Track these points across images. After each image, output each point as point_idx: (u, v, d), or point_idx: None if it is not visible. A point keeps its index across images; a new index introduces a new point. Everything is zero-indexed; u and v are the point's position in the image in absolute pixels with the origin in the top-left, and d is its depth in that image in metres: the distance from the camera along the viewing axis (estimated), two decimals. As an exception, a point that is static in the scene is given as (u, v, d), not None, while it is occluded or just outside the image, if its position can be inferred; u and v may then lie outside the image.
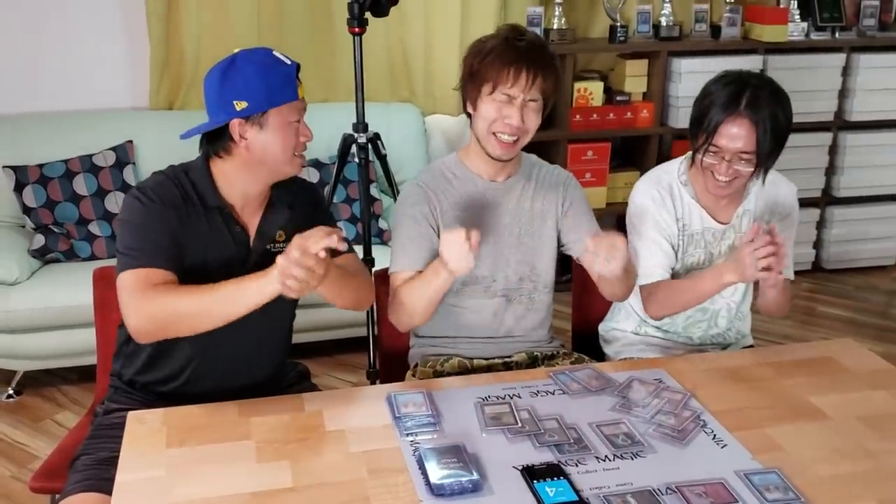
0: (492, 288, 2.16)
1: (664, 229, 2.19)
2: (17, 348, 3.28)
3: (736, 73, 2.09)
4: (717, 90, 2.07)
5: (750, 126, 2.01)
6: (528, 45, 2.01)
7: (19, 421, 3.25)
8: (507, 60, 1.98)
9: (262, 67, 1.80)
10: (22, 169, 3.50)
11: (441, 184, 2.15)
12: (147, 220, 1.81)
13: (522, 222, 2.17)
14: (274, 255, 1.87)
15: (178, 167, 1.92)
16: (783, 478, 1.59)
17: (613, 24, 4.12)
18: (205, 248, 1.86)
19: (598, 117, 4.17)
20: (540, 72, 1.99)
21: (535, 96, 2.01)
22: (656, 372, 1.99)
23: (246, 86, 1.78)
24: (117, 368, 2.03)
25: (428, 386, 1.93)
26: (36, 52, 3.79)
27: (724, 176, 2.07)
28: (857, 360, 2.06)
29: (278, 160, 1.85)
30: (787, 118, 2.06)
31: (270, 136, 1.82)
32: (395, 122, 3.97)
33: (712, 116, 2.04)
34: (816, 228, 4.62)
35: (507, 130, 2.01)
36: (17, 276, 3.26)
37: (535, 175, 2.21)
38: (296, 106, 1.85)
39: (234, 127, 1.81)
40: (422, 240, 2.10)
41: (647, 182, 2.25)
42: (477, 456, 1.66)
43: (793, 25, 4.30)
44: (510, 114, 2.00)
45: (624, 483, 1.58)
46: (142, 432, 1.74)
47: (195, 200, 1.86)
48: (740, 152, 2.03)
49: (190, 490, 1.55)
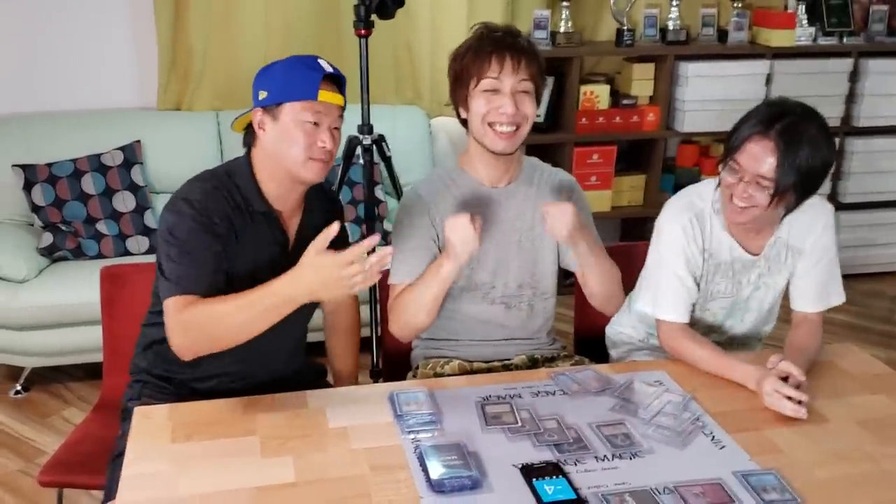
0: (490, 294, 2.17)
1: (690, 262, 2.10)
2: (24, 345, 3.31)
3: (786, 100, 1.97)
4: (760, 108, 1.97)
5: (774, 150, 1.89)
6: (504, 34, 2.02)
7: (27, 416, 3.28)
8: (486, 51, 1.99)
9: (294, 64, 1.85)
10: (31, 168, 3.53)
11: (441, 192, 2.14)
12: (194, 240, 1.80)
13: (523, 229, 2.16)
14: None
15: (221, 170, 1.92)
16: (781, 479, 1.61)
17: (620, 28, 4.14)
18: (253, 254, 1.88)
19: (604, 120, 4.18)
20: (522, 55, 1.99)
21: (524, 78, 2.00)
22: (657, 374, 2.01)
23: (272, 77, 1.85)
24: (144, 365, 2.03)
25: (430, 385, 1.95)
26: (46, 52, 3.83)
27: (739, 199, 1.96)
28: (857, 365, 2.07)
29: (289, 158, 1.85)
30: (822, 164, 1.91)
31: (281, 130, 1.84)
32: (400, 124, 3.99)
33: (742, 131, 1.95)
34: (822, 233, 4.62)
35: (502, 119, 2.00)
36: (25, 274, 3.30)
37: (538, 180, 2.20)
38: (312, 106, 1.83)
39: (257, 115, 1.86)
40: (422, 252, 2.10)
41: (679, 208, 2.13)
42: (477, 454, 1.67)
43: (800, 30, 4.30)
44: (502, 102, 1.99)
45: (622, 482, 1.60)
46: (148, 427, 1.77)
47: (243, 207, 1.88)
48: (759, 176, 1.91)
49: (194, 484, 1.58)
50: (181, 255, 1.80)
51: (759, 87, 4.21)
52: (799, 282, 2.16)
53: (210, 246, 1.81)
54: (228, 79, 3.94)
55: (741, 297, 2.19)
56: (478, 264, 2.13)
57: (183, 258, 1.80)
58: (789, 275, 2.17)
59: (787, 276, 2.17)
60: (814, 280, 2.14)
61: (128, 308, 2.29)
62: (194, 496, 1.54)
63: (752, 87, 4.18)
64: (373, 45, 4.00)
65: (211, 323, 1.74)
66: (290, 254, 1.94)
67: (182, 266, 1.79)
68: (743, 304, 2.20)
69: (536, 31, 4.04)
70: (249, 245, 1.88)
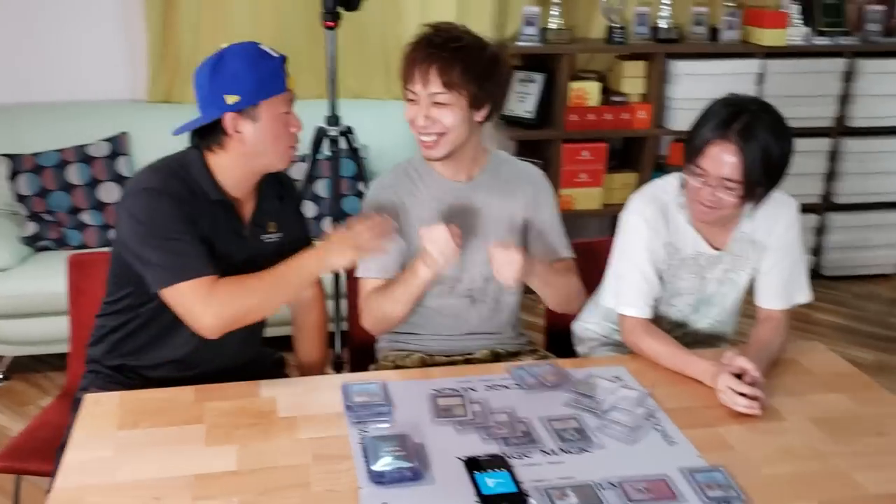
0: (456, 288, 2.16)
1: (653, 256, 2.09)
2: (5, 334, 3.32)
3: (738, 97, 1.97)
4: (715, 109, 1.95)
5: (737, 153, 1.88)
6: (427, 37, 1.97)
7: (5, 405, 3.29)
8: (408, 59, 1.98)
9: (251, 61, 1.82)
10: (17, 158, 3.54)
11: (405, 184, 2.13)
12: (175, 225, 1.81)
13: (488, 223, 2.15)
14: (267, 245, 1.98)
15: (173, 162, 1.91)
16: (727, 476, 1.59)
17: (611, 25, 4.11)
18: (212, 242, 1.88)
19: (595, 118, 4.16)
20: (435, 64, 1.93)
21: (436, 91, 1.94)
22: (616, 369, 1.99)
23: (236, 79, 1.80)
24: (97, 355, 2.04)
25: (386, 377, 1.94)
26: (34, 42, 3.83)
27: (706, 202, 1.96)
28: (820, 363, 2.05)
29: (271, 152, 1.89)
30: (783, 154, 1.92)
31: (263, 128, 1.85)
32: (389, 119, 3.97)
33: (702, 135, 1.93)
34: (816, 235, 4.59)
35: (419, 130, 2.00)
36: (6, 263, 3.31)
37: (504, 174, 2.18)
38: (286, 97, 1.87)
39: (228, 120, 1.82)
40: (391, 254, 2.08)
41: (643, 200, 2.13)
42: (422, 446, 1.66)
43: (793, 30, 4.27)
44: (416, 113, 1.98)
45: (566, 476, 1.58)
46: (96, 413, 1.77)
47: (199, 196, 1.88)
48: (725, 179, 1.90)
49: (134, 470, 1.57)
50: (168, 241, 1.81)
51: (751, 87, 4.18)
52: (763, 278, 2.14)
53: (189, 228, 1.82)
54: (218, 71, 3.93)
55: (706, 293, 2.17)
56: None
57: (172, 244, 1.81)
58: (753, 270, 2.15)
59: (751, 271, 2.15)
60: (778, 276, 2.12)
61: (96, 297, 2.28)
62: (131, 483, 1.54)
63: (743, 86, 4.15)
64: (362, 39, 4.03)
65: (247, 299, 1.83)
66: (247, 238, 1.95)
67: (174, 253, 1.81)
68: (707, 300, 2.19)
69: (526, 27, 4.02)
70: (208, 232, 1.88)
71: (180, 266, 1.80)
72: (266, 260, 1.90)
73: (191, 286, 1.80)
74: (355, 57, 4.06)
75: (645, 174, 4.30)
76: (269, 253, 1.97)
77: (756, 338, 2.07)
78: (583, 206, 4.27)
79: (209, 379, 1.90)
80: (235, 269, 1.86)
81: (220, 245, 1.90)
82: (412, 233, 2.09)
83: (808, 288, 2.18)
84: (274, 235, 2.02)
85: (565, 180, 4.20)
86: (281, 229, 2.04)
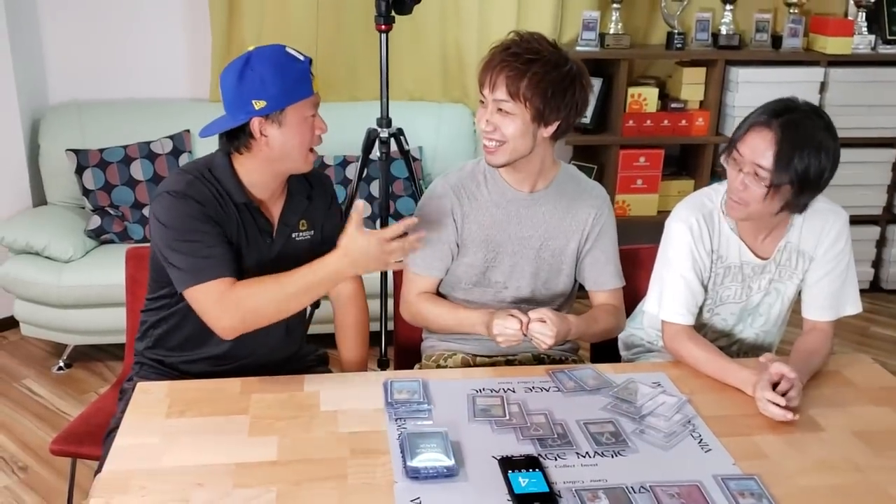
0: (502, 294, 2.17)
1: (697, 263, 2.08)
2: (67, 323, 3.44)
3: (793, 99, 1.95)
4: (768, 103, 1.95)
5: (773, 140, 1.87)
6: (508, 45, 1.97)
7: (66, 392, 3.41)
8: (484, 62, 1.99)
9: (278, 66, 1.84)
10: (83, 153, 3.66)
11: (469, 186, 2.14)
12: (195, 228, 1.86)
13: (544, 238, 2.15)
14: (299, 242, 2.02)
15: (200, 164, 1.96)
16: (761, 485, 1.58)
17: (671, 31, 4.09)
18: (238, 243, 1.94)
19: (652, 123, 4.14)
20: (505, 72, 1.93)
21: (500, 97, 1.95)
22: (656, 375, 1.99)
23: (263, 85, 1.82)
24: (141, 349, 2.12)
25: (427, 375, 1.97)
26: (103, 42, 3.96)
27: (734, 191, 1.96)
28: (865, 376, 2.02)
29: (296, 155, 1.92)
30: (822, 163, 1.88)
31: (289, 133, 1.88)
32: (445, 121, 4.03)
33: (747, 121, 1.95)
34: (876, 247, 4.50)
35: (482, 134, 2.01)
36: (71, 255, 3.43)
37: (569, 192, 2.16)
38: (311, 101, 1.90)
39: (255, 125, 1.85)
40: (441, 244, 2.13)
41: (689, 207, 2.11)
42: (459, 444, 1.69)
43: (859, 38, 4.19)
44: (481, 116, 2.01)
45: (599, 479, 1.60)
46: (146, 401, 1.83)
47: (225, 198, 1.92)
48: (756, 165, 1.90)
49: (178, 457, 1.63)
50: (187, 243, 1.85)
51: (813, 95, 4.12)
52: (810, 289, 2.12)
53: (211, 229, 1.87)
54: (279, 72, 4.01)
55: (751, 303, 2.16)
56: (494, 263, 2.15)
57: (192, 246, 1.85)
58: (800, 282, 2.13)
59: (797, 282, 2.13)
60: (825, 289, 2.10)
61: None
62: (175, 468, 1.59)
63: (805, 94, 3.97)
64: (419, 42, 4.07)
65: (262, 302, 1.85)
66: (276, 238, 2.00)
67: (193, 255, 1.85)
68: (752, 310, 2.17)
69: (585, 32, 4.03)
70: (234, 234, 1.93)
71: (198, 269, 1.85)
72: (297, 258, 1.95)
73: (206, 288, 1.84)
74: (413, 59, 4.11)
75: (702, 181, 4.26)
76: (300, 251, 2.01)
77: (799, 347, 2.05)
78: (638, 213, 4.25)
79: (248, 375, 1.95)
80: (266, 269, 1.91)
81: (247, 246, 1.95)
82: (466, 233, 2.12)
83: (858, 300, 2.15)
84: (306, 233, 2.05)
85: (621, 186, 4.19)
86: (313, 226, 2.07)
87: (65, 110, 3.83)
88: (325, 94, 4.03)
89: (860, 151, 4.19)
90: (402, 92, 4.12)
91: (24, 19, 3.79)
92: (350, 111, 3.68)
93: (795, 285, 2.14)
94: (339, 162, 3.74)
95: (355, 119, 3.35)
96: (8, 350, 3.74)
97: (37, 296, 3.40)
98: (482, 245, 2.13)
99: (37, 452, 3.01)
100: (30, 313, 3.49)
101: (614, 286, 2.23)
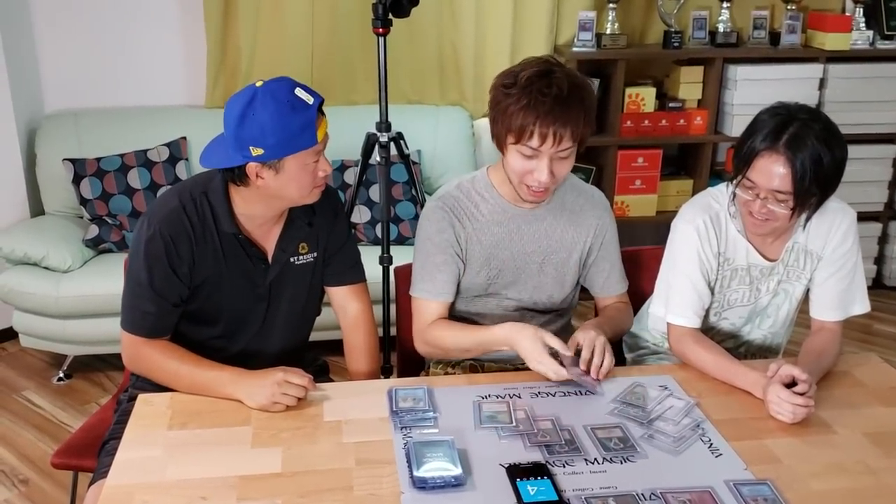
0: (504, 303, 2.15)
1: (703, 265, 2.05)
2: (68, 333, 3.42)
3: (787, 105, 1.92)
4: (763, 119, 1.91)
5: (787, 164, 1.83)
6: (555, 98, 1.83)
7: (67, 403, 3.38)
8: (530, 117, 1.84)
9: (280, 114, 1.74)
10: (80, 162, 3.64)
11: (467, 206, 2.08)
12: (151, 276, 1.87)
13: (547, 251, 2.11)
14: (297, 267, 2.00)
15: (200, 182, 1.93)
16: (774, 490, 1.56)
17: (668, 30, 4.07)
18: (220, 269, 1.92)
19: (650, 123, 4.12)
20: (568, 126, 1.85)
21: (565, 147, 1.88)
22: (663, 378, 1.97)
23: (262, 133, 1.74)
24: None
25: (431, 382, 1.94)
26: (98, 50, 3.94)
27: (758, 215, 1.92)
28: (875, 376, 1.99)
29: (294, 197, 1.89)
30: (836, 162, 1.85)
31: (287, 179, 1.82)
32: (443, 124, 4.01)
33: (751, 146, 1.88)
34: (878, 244, 4.48)
35: (535, 185, 1.93)
36: (69, 265, 3.40)
37: (569, 203, 2.12)
38: (315, 149, 1.82)
39: (251, 169, 1.80)
40: (446, 267, 2.08)
41: (694, 209, 2.09)
42: (466, 452, 1.66)
43: (857, 34, 4.18)
44: (537, 168, 1.89)
45: (608, 486, 1.57)
46: (147, 413, 1.81)
47: (210, 225, 1.88)
48: (775, 191, 1.86)
49: (182, 470, 1.61)
50: (137, 286, 1.90)
51: (812, 92, 4.11)
52: (818, 289, 2.10)
53: (166, 279, 1.88)
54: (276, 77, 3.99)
55: (759, 305, 2.14)
56: (497, 279, 2.12)
57: (136, 292, 1.90)
58: (808, 281, 2.11)
59: (805, 282, 2.11)
60: (833, 288, 2.08)
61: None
62: (178, 482, 1.57)
63: (804, 91, 4.08)
64: (417, 45, 4.05)
65: (158, 372, 1.92)
66: (270, 266, 1.98)
67: (131, 297, 1.92)
68: (760, 312, 2.15)
69: (581, 32, 4.01)
70: (216, 261, 1.91)
71: (127, 314, 1.92)
72: (297, 281, 1.94)
73: (125, 336, 1.93)
74: (410, 63, 4.09)
75: (701, 181, 4.25)
76: (300, 274, 2.00)
77: (809, 348, 2.03)
78: (637, 213, 4.23)
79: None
80: (262, 295, 1.95)
81: (232, 270, 1.92)
82: (468, 253, 2.08)
83: (866, 299, 2.12)
84: (307, 256, 2.02)
85: (620, 187, 4.18)
86: (316, 247, 2.03)
87: (61, 119, 3.80)
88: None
89: (861, 148, 4.17)
90: (400, 95, 4.09)
91: (19, 28, 3.77)
92: (347, 115, 3.66)
93: (804, 285, 2.12)
94: (338, 167, 3.72)
95: (353, 123, 3.34)
96: (7, 361, 3.72)
97: (35, 306, 3.38)
98: (485, 263, 2.10)
99: (38, 465, 2.98)
100: (28, 324, 3.47)
101: (621, 291, 2.23)
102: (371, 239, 3.66)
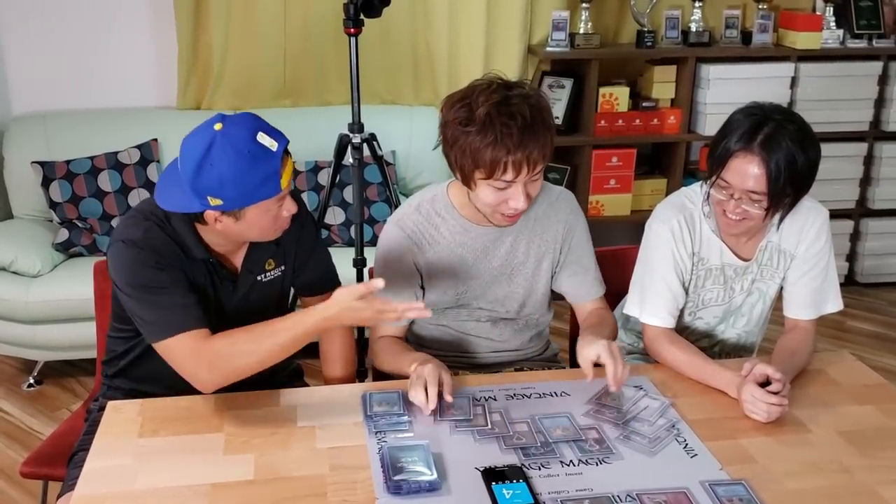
0: (476, 314, 2.12)
1: (678, 265, 2.05)
2: (37, 339, 3.37)
3: (761, 105, 1.91)
4: (737, 120, 1.90)
5: (761, 165, 1.83)
6: (521, 127, 1.77)
7: (37, 410, 3.33)
8: (500, 151, 1.77)
9: (241, 165, 1.65)
10: (49, 165, 3.59)
11: (427, 230, 2.02)
12: (157, 279, 1.75)
13: (514, 265, 2.08)
14: (264, 284, 1.96)
15: (161, 212, 1.80)
16: (749, 490, 1.56)
17: (641, 30, 4.08)
18: (205, 290, 1.87)
19: (624, 123, 4.13)
20: (539, 151, 1.79)
21: (538, 170, 1.84)
22: (638, 379, 1.96)
23: (221, 185, 1.66)
24: (108, 373, 2.05)
25: (406, 386, 1.92)
26: (66, 51, 3.89)
27: (732, 214, 1.92)
28: (848, 374, 2.00)
29: (256, 237, 1.85)
30: (810, 162, 1.86)
31: (247, 225, 1.77)
32: (417, 125, 3.99)
33: (725, 146, 1.88)
34: (850, 241, 4.52)
35: (511, 211, 1.89)
36: (39, 269, 3.35)
37: (533, 212, 2.06)
38: (278, 196, 1.75)
39: (209, 215, 1.74)
40: (406, 295, 2.04)
41: (668, 209, 2.09)
42: (441, 456, 1.65)
43: (828, 33, 4.21)
44: (513, 196, 1.85)
45: (584, 489, 1.57)
46: (117, 420, 1.78)
47: (181, 251, 1.82)
48: (749, 192, 1.87)
49: (152, 479, 1.58)
50: (153, 295, 1.75)
51: (784, 90, 4.13)
52: (792, 288, 2.10)
53: (175, 277, 1.78)
54: (248, 78, 3.97)
55: (733, 304, 2.14)
56: (465, 296, 2.08)
57: (158, 298, 1.75)
58: (782, 280, 2.11)
59: (779, 281, 2.11)
60: (806, 287, 2.08)
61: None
62: (148, 490, 1.55)
63: (776, 89, 4.11)
64: (390, 45, 4.03)
65: (238, 355, 1.73)
66: (237, 287, 1.93)
67: (161, 307, 1.75)
68: (734, 311, 2.16)
69: (555, 32, 4.00)
70: (199, 280, 1.85)
71: (166, 321, 1.74)
72: (264, 299, 1.91)
73: (178, 342, 1.73)
74: (383, 63, 4.07)
75: (675, 180, 4.26)
76: (267, 291, 1.98)
77: (782, 347, 2.03)
78: (612, 213, 4.24)
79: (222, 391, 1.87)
80: (228, 316, 1.86)
81: (204, 294, 1.86)
82: (431, 276, 2.05)
83: (839, 297, 2.13)
84: (274, 271, 1.98)
85: (594, 186, 4.18)
86: (284, 261, 1.99)
87: (29, 121, 3.75)
88: (295, 99, 4.02)
89: (832, 146, 4.19)
90: (373, 95, 4.07)
91: (-15, 30, 3.72)
92: (320, 116, 3.63)
93: (777, 285, 2.12)
94: (311, 168, 3.69)
95: (326, 124, 3.32)
96: (-24, 368, 3.66)
97: (4, 312, 3.32)
98: (451, 283, 2.05)
99: (7, 473, 2.93)
100: (-3, 330, 3.41)
101: (597, 294, 2.17)
102: (345, 240, 3.64)
